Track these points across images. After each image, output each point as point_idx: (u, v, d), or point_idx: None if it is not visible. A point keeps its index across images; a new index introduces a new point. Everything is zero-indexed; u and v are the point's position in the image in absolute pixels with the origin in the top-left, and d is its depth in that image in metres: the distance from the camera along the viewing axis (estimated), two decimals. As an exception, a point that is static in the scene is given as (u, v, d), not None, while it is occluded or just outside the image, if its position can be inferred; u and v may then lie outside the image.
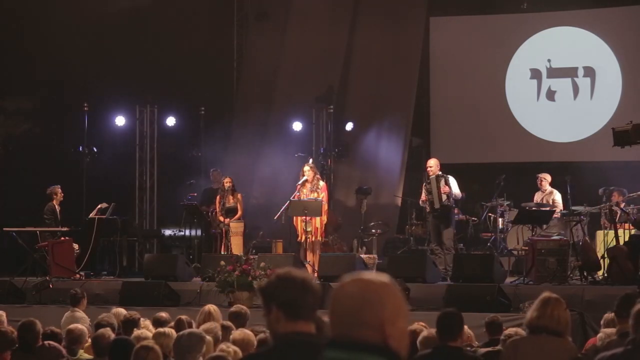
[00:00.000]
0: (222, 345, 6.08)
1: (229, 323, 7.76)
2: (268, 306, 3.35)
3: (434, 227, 14.29)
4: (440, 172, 14.25)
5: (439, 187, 14.02)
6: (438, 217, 14.11)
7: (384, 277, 2.75)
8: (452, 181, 14.20)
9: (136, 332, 7.59)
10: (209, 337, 6.58)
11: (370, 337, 2.66)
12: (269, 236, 16.65)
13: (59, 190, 15.79)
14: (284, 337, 3.31)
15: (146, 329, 7.83)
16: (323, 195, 14.44)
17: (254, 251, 14.41)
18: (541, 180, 15.27)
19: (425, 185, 14.25)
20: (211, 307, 8.57)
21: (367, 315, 2.67)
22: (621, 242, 12.92)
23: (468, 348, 7.34)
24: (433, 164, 14.38)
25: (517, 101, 18.59)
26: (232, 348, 6.05)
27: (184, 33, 18.54)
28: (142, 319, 8.41)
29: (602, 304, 10.27)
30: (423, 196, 14.32)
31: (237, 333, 6.69)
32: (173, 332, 6.86)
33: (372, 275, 2.76)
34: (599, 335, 6.87)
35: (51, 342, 7.33)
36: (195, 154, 18.72)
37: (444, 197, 14.00)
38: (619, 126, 12.50)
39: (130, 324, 8.12)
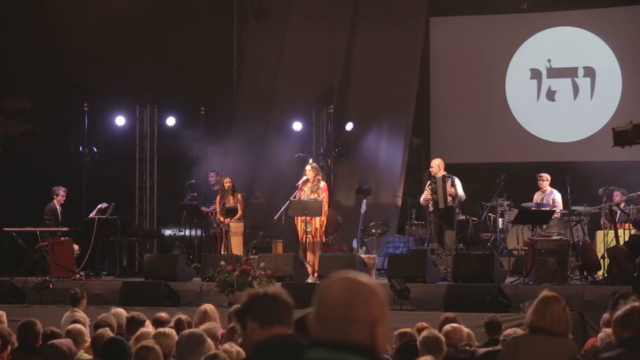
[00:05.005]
0: (226, 345, 6.06)
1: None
2: (243, 322, 3.42)
3: (435, 227, 14.28)
4: (446, 173, 14.23)
5: (444, 188, 14.00)
6: (441, 217, 14.10)
7: (368, 277, 2.71)
8: (458, 183, 14.19)
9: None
10: (209, 339, 6.58)
11: (359, 337, 2.59)
12: (269, 236, 16.66)
13: (62, 191, 15.81)
14: (261, 341, 3.34)
15: (146, 329, 7.82)
16: (323, 196, 14.43)
17: (254, 251, 14.41)
18: (541, 180, 15.28)
19: (430, 185, 14.22)
20: (207, 307, 8.57)
21: (358, 314, 2.59)
22: (621, 242, 12.92)
23: (467, 348, 7.35)
24: (434, 165, 14.36)
25: (517, 101, 18.59)
26: (235, 348, 6.04)
27: (183, 33, 18.53)
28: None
29: (602, 304, 10.26)
30: (426, 195, 14.28)
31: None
32: (173, 332, 6.86)
33: (358, 274, 2.69)
34: (600, 335, 6.87)
35: (62, 342, 7.29)
36: (195, 154, 18.72)
37: (449, 198, 13.99)
38: (619, 126, 12.50)
39: (134, 324, 8.09)
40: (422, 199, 14.54)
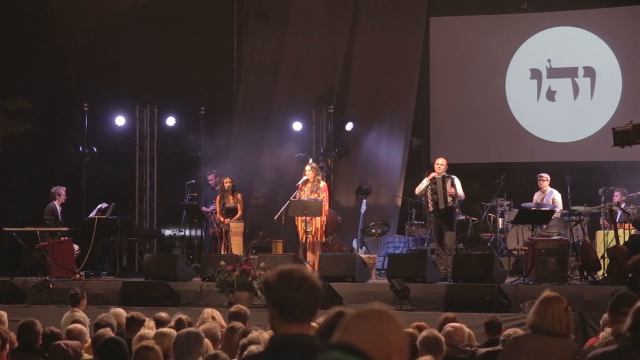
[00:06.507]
0: (252, 347, 6.03)
1: (240, 324, 7.71)
2: (267, 302, 3.34)
3: (436, 227, 14.27)
4: (445, 173, 14.20)
5: (444, 188, 13.98)
6: (441, 217, 14.07)
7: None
8: (458, 182, 14.16)
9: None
10: (206, 339, 6.57)
11: (375, 350, 2.72)
12: (269, 236, 16.65)
13: (63, 192, 15.83)
14: (278, 338, 3.31)
15: (150, 330, 7.82)
16: (323, 196, 14.43)
17: (254, 251, 14.40)
18: (541, 180, 15.29)
19: (429, 185, 14.15)
20: (214, 313, 8.60)
21: (383, 328, 2.76)
22: (621, 242, 12.92)
23: (467, 348, 7.34)
24: (444, 164, 14.27)
25: (517, 101, 18.59)
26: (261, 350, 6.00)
27: (183, 33, 18.54)
28: (147, 319, 8.39)
29: (602, 304, 10.26)
30: (423, 189, 14.20)
31: (256, 334, 6.63)
32: (173, 332, 6.86)
33: (394, 311, 2.89)
34: (602, 334, 6.86)
35: (68, 343, 7.27)
36: (195, 154, 18.72)
37: (449, 198, 13.96)
38: (619, 126, 12.52)
39: (134, 324, 8.09)
40: (417, 190, 14.44)
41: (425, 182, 14.28)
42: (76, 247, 15.27)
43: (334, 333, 2.82)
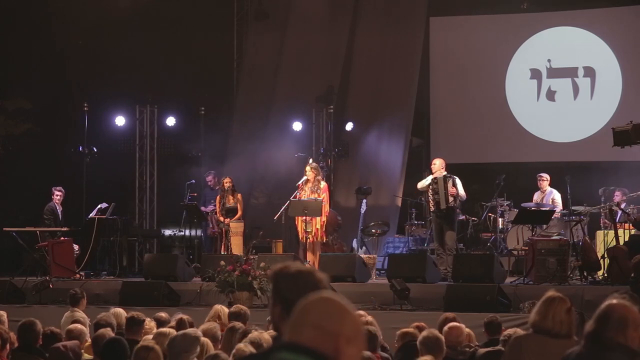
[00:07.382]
0: (241, 345, 6.04)
1: (240, 324, 7.72)
2: (274, 298, 3.27)
3: (437, 227, 14.26)
4: (446, 173, 14.18)
5: (446, 188, 13.97)
6: (442, 217, 14.06)
7: (347, 301, 2.78)
8: (459, 182, 14.16)
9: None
10: (204, 338, 6.57)
11: (324, 346, 2.66)
12: (269, 236, 16.65)
13: (56, 191, 15.90)
14: (280, 339, 3.28)
15: (151, 330, 7.83)
16: (324, 196, 14.43)
17: (254, 251, 14.40)
18: (541, 180, 15.29)
19: (431, 185, 14.14)
20: (221, 311, 8.61)
21: (326, 323, 2.67)
22: (621, 242, 12.92)
23: (467, 349, 7.34)
24: (437, 163, 14.30)
25: (517, 101, 18.59)
26: (249, 349, 6.02)
27: (183, 33, 18.53)
28: (147, 319, 8.39)
29: (602, 304, 10.26)
30: (425, 185, 14.19)
31: (255, 334, 6.64)
32: (174, 332, 6.86)
33: (341, 296, 2.79)
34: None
35: (67, 344, 7.26)
36: (195, 154, 18.72)
37: (451, 198, 13.95)
38: (619, 126, 12.53)
39: (134, 324, 8.09)
40: (419, 184, 14.44)
41: (429, 178, 14.28)
42: (76, 247, 15.28)
43: (285, 331, 2.75)
